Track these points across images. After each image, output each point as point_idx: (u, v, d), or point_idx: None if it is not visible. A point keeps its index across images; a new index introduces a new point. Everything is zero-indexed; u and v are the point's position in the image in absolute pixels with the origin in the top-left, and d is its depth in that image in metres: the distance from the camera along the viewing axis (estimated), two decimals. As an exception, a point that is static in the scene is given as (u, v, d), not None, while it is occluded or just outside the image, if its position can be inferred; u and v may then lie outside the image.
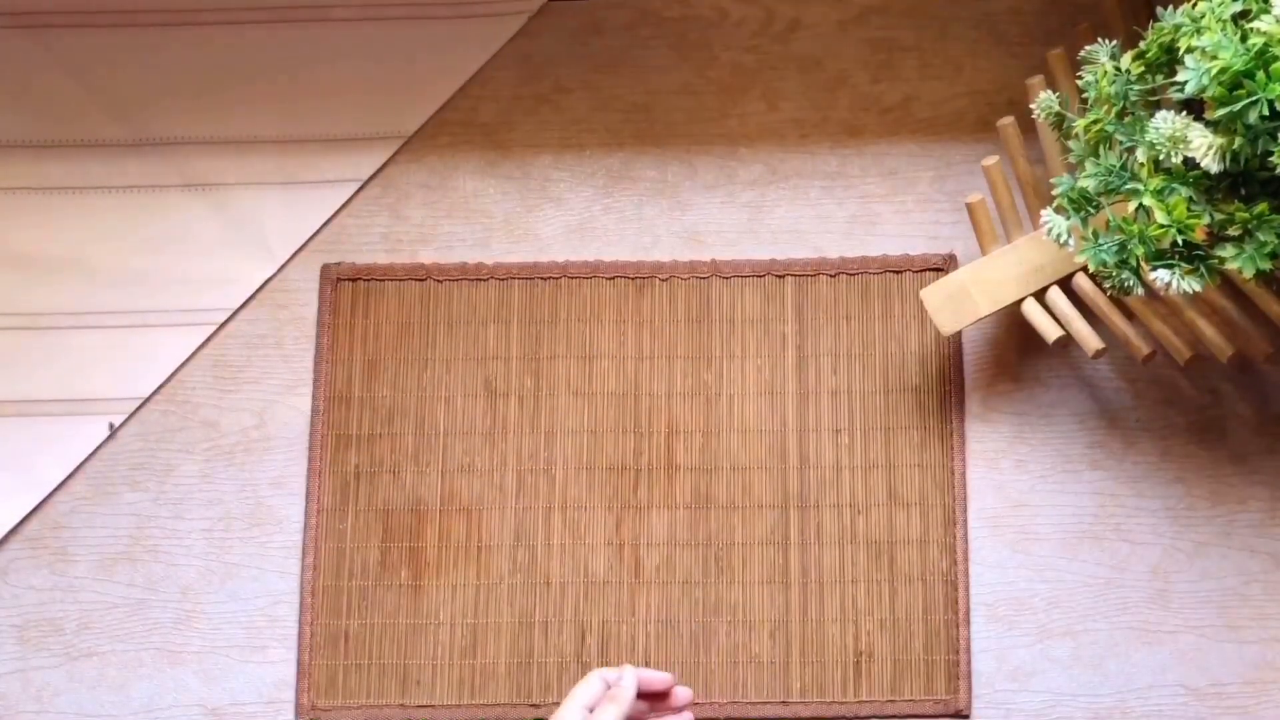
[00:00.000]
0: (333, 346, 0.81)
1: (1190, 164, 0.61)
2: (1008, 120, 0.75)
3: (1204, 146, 0.59)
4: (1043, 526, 0.77)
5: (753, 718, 0.76)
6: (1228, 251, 0.61)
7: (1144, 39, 0.65)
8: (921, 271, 0.80)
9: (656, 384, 0.80)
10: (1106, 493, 0.78)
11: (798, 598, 0.77)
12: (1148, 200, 0.62)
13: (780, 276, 0.81)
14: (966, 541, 0.77)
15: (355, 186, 0.83)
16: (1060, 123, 0.69)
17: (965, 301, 0.75)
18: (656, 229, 0.82)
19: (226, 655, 0.78)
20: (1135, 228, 0.63)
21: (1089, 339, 0.73)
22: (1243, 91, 0.57)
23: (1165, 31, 0.63)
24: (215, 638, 0.78)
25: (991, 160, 0.75)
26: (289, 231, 0.82)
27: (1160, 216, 0.61)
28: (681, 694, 0.68)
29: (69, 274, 0.82)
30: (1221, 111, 0.58)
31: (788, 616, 0.77)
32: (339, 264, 0.82)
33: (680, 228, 0.82)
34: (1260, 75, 0.57)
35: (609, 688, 0.65)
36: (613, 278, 0.81)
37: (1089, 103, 0.67)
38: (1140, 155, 0.63)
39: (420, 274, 0.81)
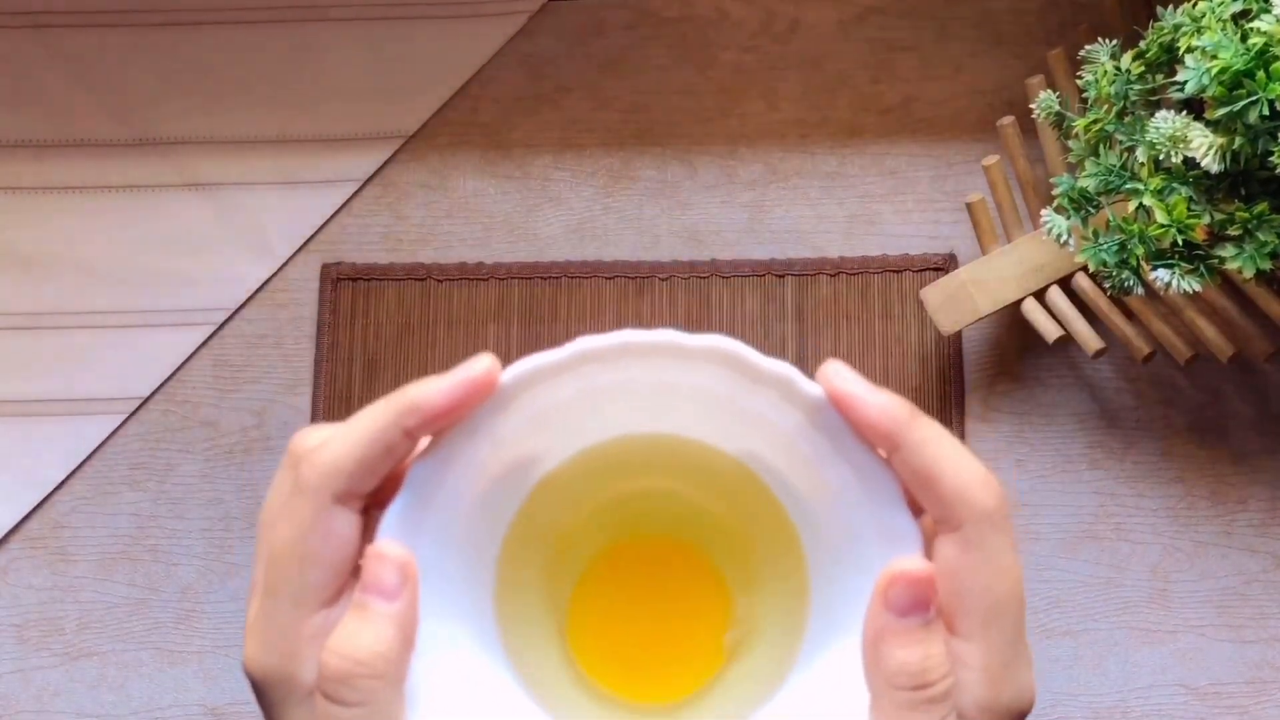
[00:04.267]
0: (333, 346, 0.81)
1: (1190, 164, 0.61)
2: (1008, 120, 0.75)
3: (1204, 146, 0.59)
4: (1043, 526, 0.77)
5: (753, 718, 0.75)
6: (1228, 251, 0.61)
7: (1144, 39, 0.65)
8: (921, 271, 0.80)
9: (656, 384, 0.79)
10: (1106, 493, 0.78)
11: (798, 598, 0.77)
12: (1148, 200, 0.62)
13: (780, 276, 0.81)
14: (966, 541, 0.77)
15: (355, 186, 0.83)
16: (1060, 123, 0.69)
17: (965, 301, 0.75)
18: (656, 229, 0.82)
19: (226, 655, 0.78)
20: (1135, 227, 0.63)
21: (1089, 339, 0.73)
22: (1243, 91, 0.57)
23: (1165, 31, 0.63)
24: (215, 638, 0.78)
25: (991, 160, 0.75)
26: (289, 231, 0.82)
27: (1160, 216, 0.61)
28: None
29: (69, 274, 0.82)
30: (1221, 111, 0.58)
31: (788, 616, 0.76)
32: (339, 264, 0.82)
33: (680, 227, 0.82)
34: (1260, 75, 0.57)
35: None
36: (613, 277, 0.81)
37: (1089, 103, 0.67)
38: (1140, 155, 0.63)
39: (420, 274, 0.81)
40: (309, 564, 0.32)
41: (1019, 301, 0.75)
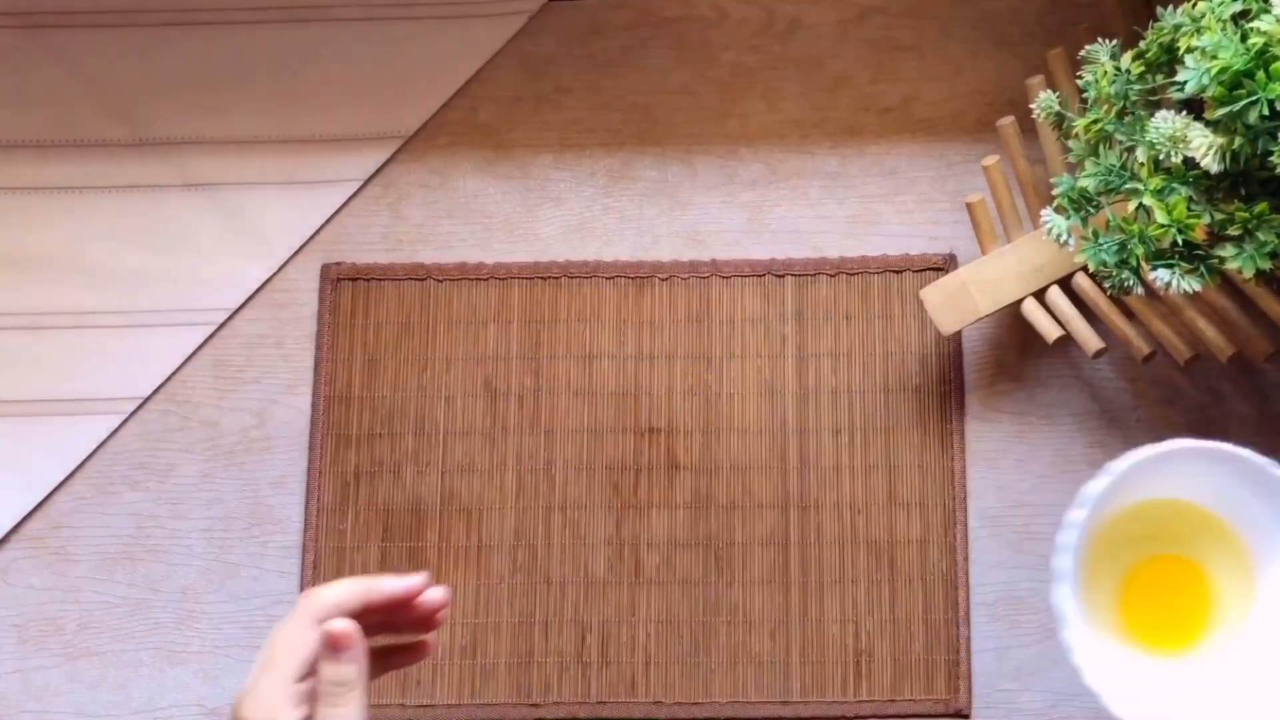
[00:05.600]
0: (333, 346, 0.81)
1: (1190, 164, 0.61)
2: (1008, 120, 0.75)
3: (1204, 146, 0.59)
4: (1043, 526, 0.77)
5: (752, 717, 0.76)
6: (1228, 251, 0.61)
7: (1144, 39, 0.65)
8: (921, 271, 0.80)
9: (656, 384, 0.80)
10: (1106, 493, 0.77)
11: (798, 598, 0.77)
12: (1148, 200, 0.62)
13: (780, 276, 0.81)
14: (966, 541, 0.77)
15: (355, 186, 0.83)
16: (1060, 123, 0.69)
17: (965, 301, 0.75)
18: (656, 229, 0.82)
19: (226, 655, 0.78)
20: (1135, 227, 0.63)
21: (1089, 339, 0.73)
22: (1243, 91, 0.57)
23: (1165, 31, 0.63)
24: (215, 638, 0.78)
25: (991, 160, 0.75)
26: (289, 231, 0.82)
27: (1160, 216, 0.61)
28: (432, 597, 0.54)
29: (69, 274, 0.82)
30: (1221, 111, 0.58)
31: (788, 616, 0.77)
32: (339, 264, 0.82)
33: (680, 228, 0.82)
34: (1260, 75, 0.57)
35: (330, 634, 0.50)
36: (613, 277, 0.81)
37: (1089, 103, 0.67)
38: (1140, 155, 0.63)
39: (420, 274, 0.81)
40: (299, 651, 0.50)
41: (1019, 301, 0.75)
